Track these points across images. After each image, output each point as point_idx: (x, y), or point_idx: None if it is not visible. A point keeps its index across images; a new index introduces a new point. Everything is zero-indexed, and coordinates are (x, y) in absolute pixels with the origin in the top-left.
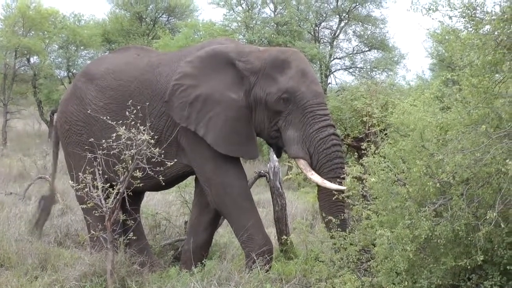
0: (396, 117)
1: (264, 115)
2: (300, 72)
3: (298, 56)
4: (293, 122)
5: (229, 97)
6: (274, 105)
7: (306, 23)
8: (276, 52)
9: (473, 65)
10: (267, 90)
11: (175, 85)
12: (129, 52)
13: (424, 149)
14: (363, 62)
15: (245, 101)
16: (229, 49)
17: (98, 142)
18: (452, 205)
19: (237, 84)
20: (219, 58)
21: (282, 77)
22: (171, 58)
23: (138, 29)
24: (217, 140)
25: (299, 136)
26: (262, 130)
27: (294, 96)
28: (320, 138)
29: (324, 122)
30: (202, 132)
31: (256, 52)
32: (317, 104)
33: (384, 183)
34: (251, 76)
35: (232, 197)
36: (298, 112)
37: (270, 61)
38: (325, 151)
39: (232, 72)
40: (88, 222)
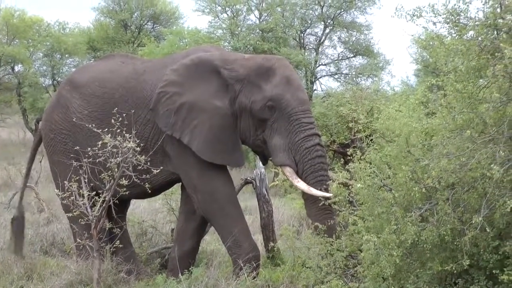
0: (382, 123)
1: (249, 123)
2: (285, 80)
3: (283, 63)
4: (278, 130)
5: (214, 105)
6: (259, 113)
7: (291, 29)
8: (261, 60)
9: (457, 71)
10: (252, 98)
11: (161, 93)
12: (114, 60)
13: (410, 155)
14: (348, 68)
15: (230, 109)
16: (214, 57)
17: (84, 150)
18: (438, 210)
19: (222, 92)
20: (204, 66)
21: (267, 85)
22: (156, 65)
23: (123, 37)
24: (202, 148)
25: (285, 144)
26: (247, 138)
27: (279, 103)
28: (306, 147)
29: (310, 131)
30: (187, 140)
31: (241, 60)
32: (302, 111)
33: (370, 188)
34: (236, 84)
35: (219, 203)
36: (283, 119)
37: (255, 69)
38: (310, 161)
39: (217, 80)
40: (74, 231)
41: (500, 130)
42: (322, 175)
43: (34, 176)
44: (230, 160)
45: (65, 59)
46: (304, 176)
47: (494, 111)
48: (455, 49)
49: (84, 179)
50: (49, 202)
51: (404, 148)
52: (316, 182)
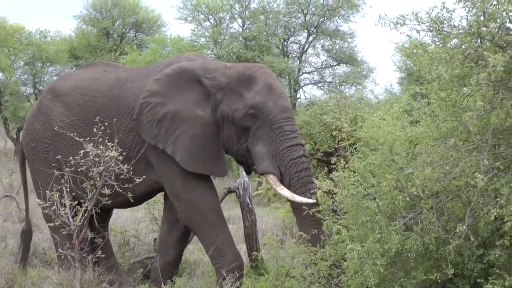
0: (366, 131)
1: (232, 131)
2: (266, 87)
3: (264, 71)
4: (261, 138)
5: (196, 114)
6: (242, 121)
7: (274, 37)
8: (242, 68)
9: (441, 79)
10: (233, 106)
11: (143, 103)
12: (96, 68)
13: (394, 163)
14: (332, 77)
15: (212, 118)
16: (196, 66)
17: (65, 159)
18: (422, 218)
19: (204, 101)
20: (185, 76)
21: (248, 93)
22: (139, 73)
23: (105, 45)
24: (185, 158)
25: (268, 152)
26: (230, 147)
27: (261, 111)
28: (291, 158)
29: (294, 140)
30: (170, 150)
31: (222, 68)
32: (285, 119)
33: (354, 197)
34: (217, 93)
35: (202, 213)
36: (266, 127)
37: (236, 77)
38: (297, 174)
39: (198, 89)
40: (56, 241)
41: (484, 138)
42: (310, 189)
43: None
44: (213, 169)
45: (47, 68)
46: (292, 189)
47: (478, 120)
48: (438, 57)
49: (66, 188)
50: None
51: (388, 156)
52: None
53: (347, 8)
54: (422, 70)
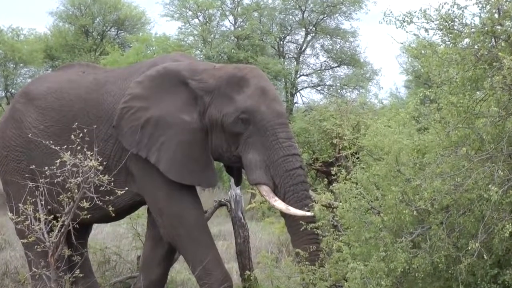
0: (369, 139)
1: (221, 138)
2: (259, 90)
3: (257, 73)
4: (254, 145)
5: (182, 119)
6: (232, 126)
7: (269, 36)
8: (232, 69)
9: (452, 82)
10: (223, 110)
11: (124, 108)
12: (73, 70)
13: (400, 174)
14: (332, 79)
15: (199, 123)
16: (182, 67)
17: (40, 169)
18: (430, 235)
19: (191, 105)
20: (170, 78)
21: (239, 96)
22: (120, 75)
23: (84, 44)
24: (170, 167)
25: (261, 160)
26: (221, 155)
27: (253, 116)
28: (287, 170)
29: (289, 149)
30: (154, 159)
31: (211, 69)
32: (279, 125)
33: (356, 211)
34: (205, 96)
35: (187, 228)
36: (259, 134)
37: (226, 79)
38: (293, 188)
39: (184, 92)
40: (30, 259)
41: (499, 147)
42: (307, 204)
43: None
44: (201, 180)
45: (20, 69)
46: (287, 203)
47: (492, 127)
48: (449, 58)
49: (41, 201)
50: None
51: (394, 167)
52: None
53: (348, 4)
54: (431, 73)
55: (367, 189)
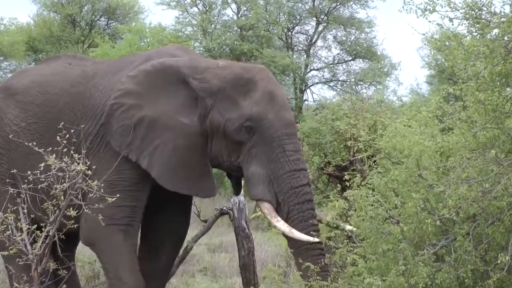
0: (387, 141)
1: (222, 145)
2: (267, 95)
3: (265, 75)
4: (258, 157)
5: (180, 121)
6: (235, 134)
7: (276, 27)
8: (239, 70)
9: (479, 77)
10: (226, 115)
11: (115, 104)
12: (59, 62)
13: (421, 179)
14: (346, 74)
15: (199, 128)
16: (182, 63)
17: (22, 173)
18: (456, 247)
19: (190, 106)
20: (168, 74)
21: (245, 101)
22: (110, 68)
23: (71, 35)
24: (164, 174)
25: (265, 174)
26: (220, 163)
27: (259, 124)
28: (292, 187)
29: (296, 163)
30: (145, 163)
31: (215, 68)
32: (287, 135)
33: (373, 221)
34: (207, 98)
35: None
36: (264, 144)
37: (231, 80)
38: (298, 207)
39: (184, 92)
40: (10, 273)
41: None
42: (312, 225)
43: None
44: (199, 189)
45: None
46: (290, 223)
47: None
48: (476, 51)
49: (23, 209)
50: None
51: (415, 171)
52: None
53: None
54: (455, 67)
55: (385, 196)
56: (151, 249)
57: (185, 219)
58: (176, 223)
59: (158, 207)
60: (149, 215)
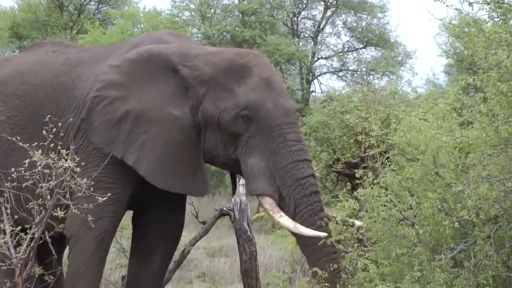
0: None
1: (217, 138)
2: (264, 82)
3: (261, 61)
4: (256, 148)
5: (170, 114)
6: (231, 125)
7: (281, 11)
8: (232, 55)
9: (501, 67)
10: (221, 105)
11: (97, 97)
12: (44, 49)
13: (438, 178)
14: (356, 63)
15: (191, 120)
16: (170, 50)
17: (4, 170)
18: (475, 251)
19: (181, 96)
20: (156, 62)
21: (240, 88)
22: (96, 55)
23: (58, 20)
24: (154, 172)
25: (265, 167)
26: (215, 158)
27: (256, 113)
28: (297, 179)
29: (300, 154)
30: (132, 160)
31: (206, 54)
32: (288, 124)
33: (386, 223)
34: (199, 87)
35: None
36: (263, 134)
37: (224, 67)
38: (305, 200)
39: (173, 81)
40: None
41: None
42: (321, 218)
43: None
44: (191, 187)
45: None
46: (299, 218)
47: None
48: (498, 38)
49: (6, 210)
50: None
51: (431, 169)
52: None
53: None
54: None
55: (398, 196)
56: (143, 252)
57: (179, 219)
58: (169, 224)
59: (149, 206)
60: (140, 215)
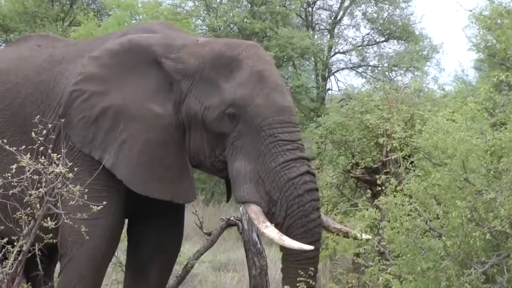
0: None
1: (202, 138)
2: (255, 76)
3: (254, 52)
4: (243, 150)
5: (152, 111)
6: (216, 124)
7: (294, 1)
8: (221, 46)
9: None
10: (205, 102)
11: (74, 92)
12: (29, 43)
13: (468, 184)
14: (377, 58)
15: (174, 118)
16: (154, 40)
17: None
18: (509, 265)
19: (164, 92)
20: (138, 54)
21: (227, 83)
22: (80, 50)
23: (48, 12)
24: (133, 175)
25: (252, 171)
26: (202, 161)
27: (244, 111)
28: (289, 178)
29: (293, 153)
30: (110, 162)
31: (193, 45)
32: (280, 123)
33: (410, 234)
34: (183, 81)
35: None
36: (251, 135)
37: (211, 59)
38: (298, 200)
39: (156, 75)
40: None
41: None
42: (315, 220)
43: None
44: (175, 192)
45: None
46: (288, 221)
47: None
48: None
49: None
50: None
51: (460, 174)
52: (306, 231)
53: None
54: (509, 49)
55: (424, 204)
56: (138, 267)
57: (177, 230)
58: (166, 236)
59: (143, 215)
60: (134, 226)
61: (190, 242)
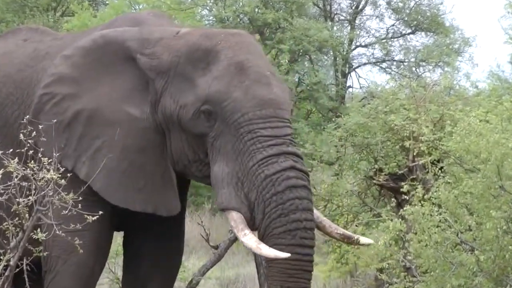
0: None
1: (182, 141)
2: (234, 68)
3: (236, 41)
4: (222, 151)
5: (128, 114)
6: (192, 124)
7: None
8: (198, 38)
9: None
10: (180, 100)
11: (44, 95)
12: (16, 37)
13: (504, 192)
14: (403, 52)
15: (152, 120)
16: (129, 34)
17: None
18: None
19: (140, 92)
20: (112, 51)
21: (203, 78)
22: (66, 44)
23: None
24: (111, 186)
25: (231, 173)
26: (186, 166)
27: (220, 107)
28: (266, 175)
29: (274, 148)
30: (84, 172)
31: (169, 39)
32: (262, 118)
33: (439, 247)
34: (157, 79)
35: None
36: (230, 133)
37: (186, 53)
38: (276, 198)
39: (132, 73)
40: None
41: None
42: (297, 220)
43: None
44: (157, 203)
45: None
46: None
47: None
48: None
49: None
50: None
51: (495, 181)
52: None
53: None
54: None
55: (454, 215)
56: (136, 283)
57: (176, 244)
58: (165, 248)
59: (139, 227)
60: (129, 239)
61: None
